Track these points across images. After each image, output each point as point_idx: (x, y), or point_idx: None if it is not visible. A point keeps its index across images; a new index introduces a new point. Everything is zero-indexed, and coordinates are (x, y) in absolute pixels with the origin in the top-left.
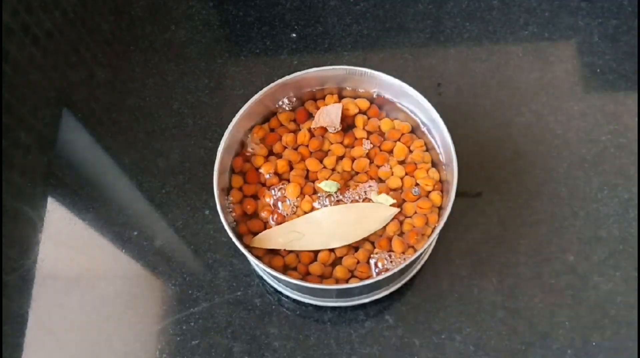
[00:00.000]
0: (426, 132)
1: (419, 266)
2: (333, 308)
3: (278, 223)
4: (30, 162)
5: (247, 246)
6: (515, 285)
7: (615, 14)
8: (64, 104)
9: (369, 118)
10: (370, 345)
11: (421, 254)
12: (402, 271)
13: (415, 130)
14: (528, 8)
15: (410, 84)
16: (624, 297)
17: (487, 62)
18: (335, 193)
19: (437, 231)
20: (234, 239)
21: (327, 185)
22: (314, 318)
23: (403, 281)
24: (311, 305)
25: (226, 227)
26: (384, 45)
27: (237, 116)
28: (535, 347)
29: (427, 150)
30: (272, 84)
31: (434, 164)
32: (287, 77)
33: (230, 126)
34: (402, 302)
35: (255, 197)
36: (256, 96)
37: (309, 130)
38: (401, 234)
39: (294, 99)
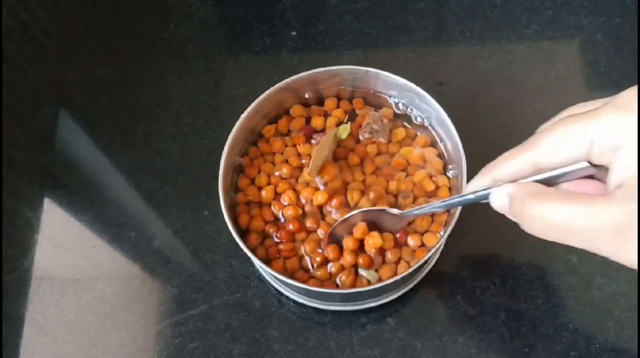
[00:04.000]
0: (436, 138)
1: (427, 270)
2: (333, 310)
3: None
4: (28, 162)
5: (253, 250)
6: (517, 286)
7: (619, 12)
8: (62, 103)
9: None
10: (371, 348)
11: (429, 259)
12: (406, 279)
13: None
14: (531, 6)
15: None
16: (627, 299)
17: (489, 61)
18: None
19: (446, 236)
20: (239, 242)
21: (344, 129)
22: (314, 321)
23: (408, 287)
24: (311, 307)
25: (231, 228)
26: (385, 43)
27: (244, 115)
28: (538, 350)
29: (438, 155)
30: (286, 80)
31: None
32: (302, 74)
33: (236, 125)
34: (404, 304)
35: (260, 201)
36: (267, 93)
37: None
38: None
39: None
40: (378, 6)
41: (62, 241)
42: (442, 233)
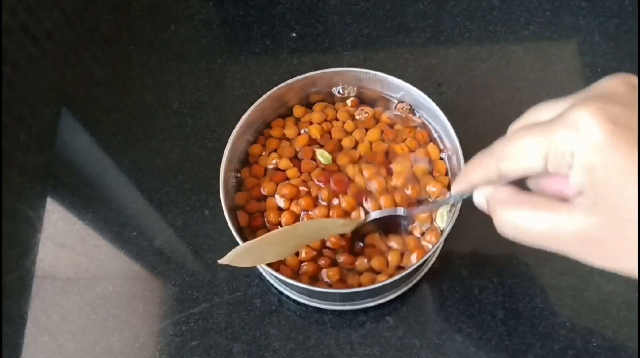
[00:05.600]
0: (436, 137)
1: (425, 270)
2: (333, 310)
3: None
4: (30, 162)
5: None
6: (515, 285)
7: (617, 13)
8: (63, 103)
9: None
10: (370, 346)
11: (428, 258)
12: (405, 278)
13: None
14: (529, 7)
15: (411, 84)
16: (624, 298)
17: (488, 61)
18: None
19: (444, 235)
20: (240, 241)
21: (322, 154)
22: (314, 319)
23: (407, 287)
24: (311, 306)
25: (232, 228)
26: (385, 44)
27: (244, 116)
28: (536, 348)
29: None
30: (284, 83)
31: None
32: (300, 77)
33: (237, 125)
34: (403, 303)
35: (261, 197)
36: (267, 94)
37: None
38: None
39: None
40: (377, 7)
41: (63, 240)
42: (441, 230)
